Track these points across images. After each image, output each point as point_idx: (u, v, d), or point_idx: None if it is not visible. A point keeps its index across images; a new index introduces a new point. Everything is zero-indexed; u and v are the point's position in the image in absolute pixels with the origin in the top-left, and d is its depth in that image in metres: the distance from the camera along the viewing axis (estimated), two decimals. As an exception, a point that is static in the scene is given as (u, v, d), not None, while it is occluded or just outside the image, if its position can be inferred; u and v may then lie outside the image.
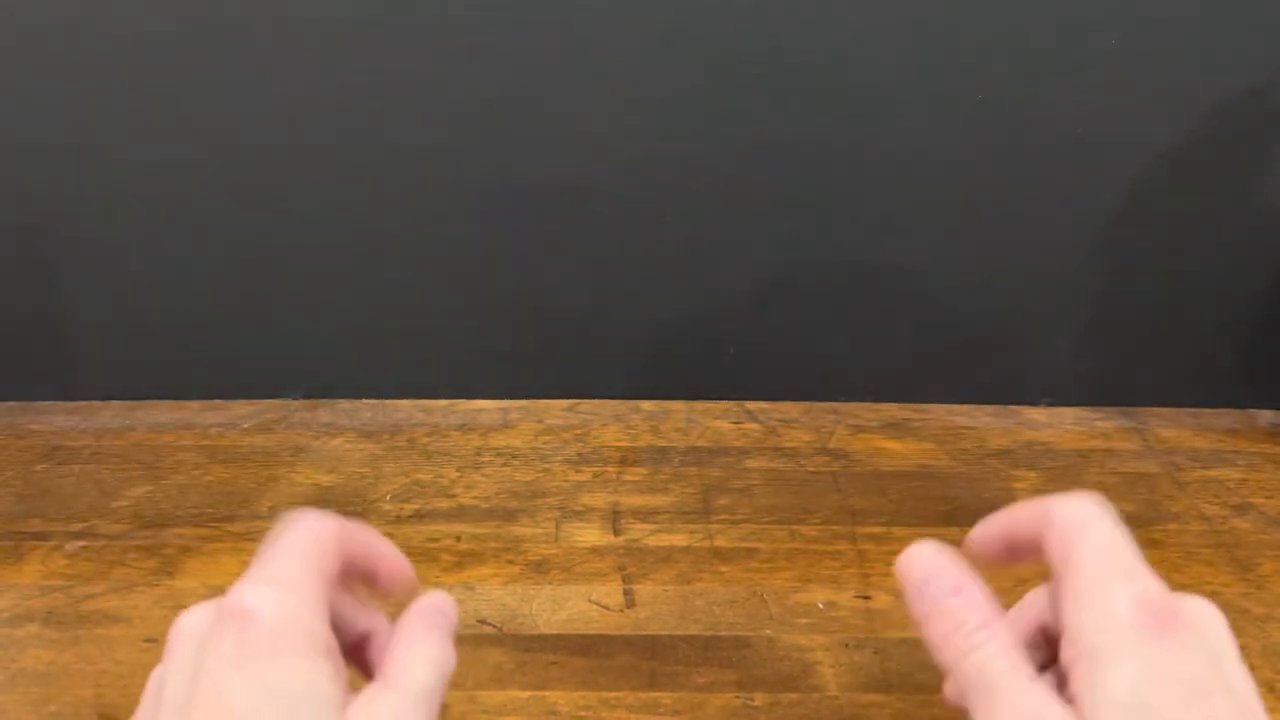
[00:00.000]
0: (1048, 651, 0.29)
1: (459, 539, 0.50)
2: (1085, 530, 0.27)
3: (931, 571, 0.28)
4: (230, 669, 0.23)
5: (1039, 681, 0.25)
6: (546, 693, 0.40)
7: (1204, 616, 0.26)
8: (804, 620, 0.44)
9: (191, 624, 0.25)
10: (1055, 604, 0.27)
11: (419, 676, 0.26)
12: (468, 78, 0.56)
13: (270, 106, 0.57)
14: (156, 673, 0.25)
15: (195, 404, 0.63)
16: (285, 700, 0.23)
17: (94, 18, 0.55)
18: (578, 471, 0.56)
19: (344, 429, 0.60)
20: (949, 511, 0.52)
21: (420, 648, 0.27)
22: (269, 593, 0.24)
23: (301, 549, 0.26)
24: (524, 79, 0.56)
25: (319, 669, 0.24)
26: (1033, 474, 0.55)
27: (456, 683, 0.40)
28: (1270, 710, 0.38)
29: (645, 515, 0.52)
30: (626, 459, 0.57)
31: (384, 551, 0.30)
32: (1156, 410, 0.62)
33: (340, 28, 0.55)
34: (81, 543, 0.50)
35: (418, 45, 0.56)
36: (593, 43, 0.55)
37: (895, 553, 0.48)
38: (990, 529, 0.30)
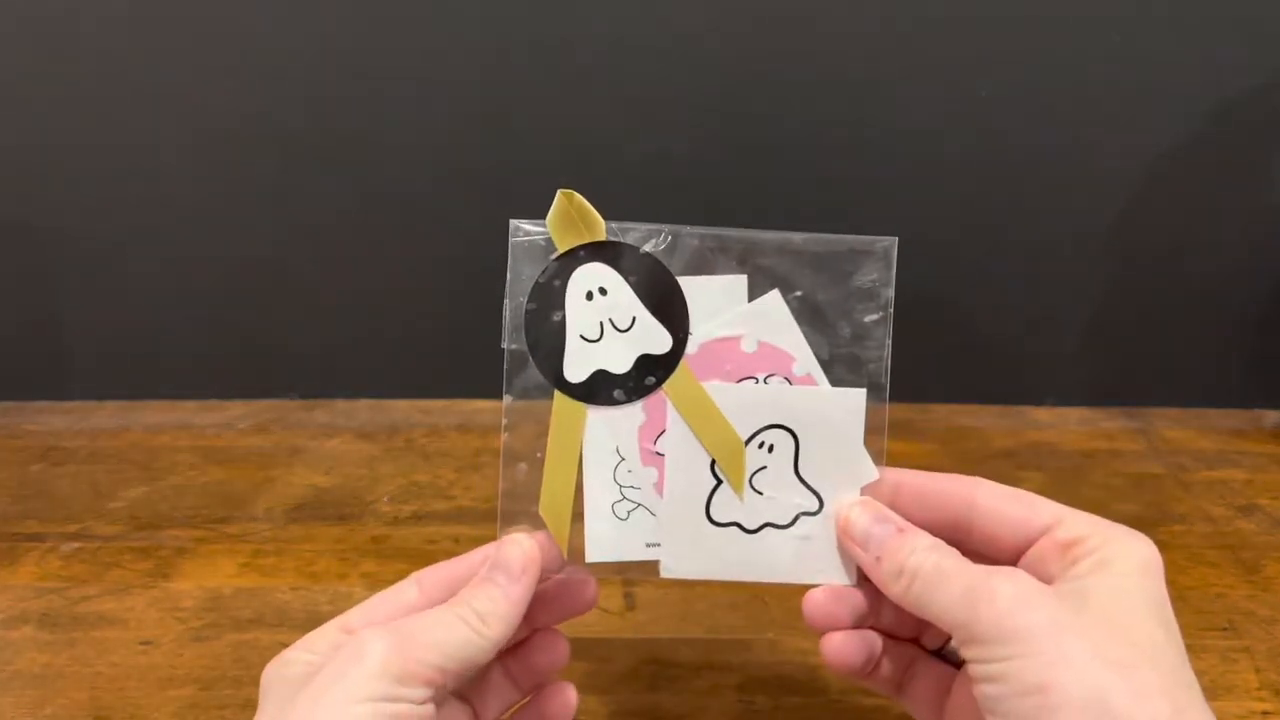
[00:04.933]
0: None
1: (457, 541, 0.49)
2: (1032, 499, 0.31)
3: (872, 522, 0.31)
4: None
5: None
6: (546, 696, 0.39)
7: None
8: (806, 622, 0.43)
9: None
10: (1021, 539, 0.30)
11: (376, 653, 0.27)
12: (466, 78, 0.56)
13: (267, 107, 0.57)
14: None
15: (191, 404, 0.63)
16: None
17: (93, 18, 0.55)
18: (578, 472, 0.55)
19: (341, 429, 0.60)
20: (952, 513, 0.51)
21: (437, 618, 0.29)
22: None
23: None
24: (522, 80, 0.56)
25: None
26: (1038, 474, 0.55)
27: (455, 686, 0.40)
28: (1275, 715, 0.38)
29: (646, 516, 0.51)
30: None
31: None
32: (1161, 411, 0.62)
33: (339, 26, 0.55)
34: (77, 544, 0.49)
35: (417, 45, 0.55)
36: (591, 43, 0.55)
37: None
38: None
